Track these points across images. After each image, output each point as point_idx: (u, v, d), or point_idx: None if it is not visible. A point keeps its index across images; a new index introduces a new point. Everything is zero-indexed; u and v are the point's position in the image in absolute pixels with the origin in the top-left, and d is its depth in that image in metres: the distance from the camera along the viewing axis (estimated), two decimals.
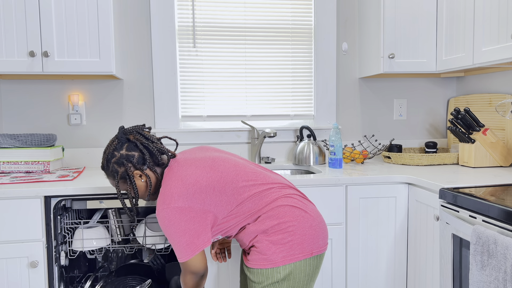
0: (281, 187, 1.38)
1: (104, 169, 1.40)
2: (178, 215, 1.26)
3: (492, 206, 1.28)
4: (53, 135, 2.08)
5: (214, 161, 1.37)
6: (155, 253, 2.04)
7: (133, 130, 1.40)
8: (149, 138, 1.40)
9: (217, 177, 1.32)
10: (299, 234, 1.29)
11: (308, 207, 1.36)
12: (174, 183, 1.30)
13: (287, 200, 1.33)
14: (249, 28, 2.40)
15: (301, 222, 1.31)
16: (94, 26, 1.94)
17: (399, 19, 2.17)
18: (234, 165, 1.38)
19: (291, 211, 1.31)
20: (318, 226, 1.34)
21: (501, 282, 1.18)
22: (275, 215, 1.30)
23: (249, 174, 1.36)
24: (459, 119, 2.05)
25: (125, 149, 1.36)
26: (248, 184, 1.33)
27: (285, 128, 2.42)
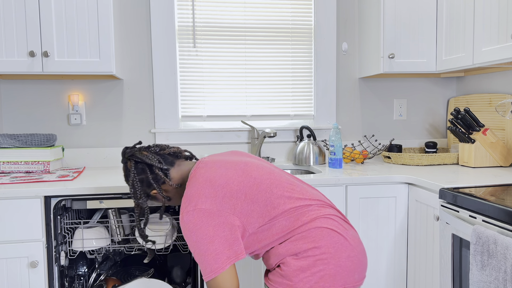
0: (321, 205, 1.20)
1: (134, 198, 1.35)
2: (205, 219, 1.10)
3: (492, 206, 1.28)
4: (53, 135, 2.08)
5: (247, 166, 1.23)
6: (155, 253, 2.04)
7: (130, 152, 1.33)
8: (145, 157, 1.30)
9: (250, 183, 1.17)
10: (333, 264, 1.11)
11: (348, 233, 1.17)
12: (201, 184, 1.17)
13: (327, 222, 1.15)
14: (249, 28, 2.40)
15: (339, 250, 1.12)
16: (94, 26, 1.94)
17: (399, 19, 2.17)
18: (269, 172, 1.23)
19: (329, 236, 1.13)
20: (357, 258, 1.16)
21: (501, 282, 1.18)
22: (310, 237, 1.12)
23: (285, 185, 1.20)
24: (459, 119, 2.05)
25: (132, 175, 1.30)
26: (284, 196, 1.17)
27: (285, 128, 2.42)
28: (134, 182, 1.29)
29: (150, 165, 1.30)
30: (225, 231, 1.10)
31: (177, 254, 2.11)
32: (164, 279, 2.06)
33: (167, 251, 1.94)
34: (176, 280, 2.04)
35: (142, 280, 1.75)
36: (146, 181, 1.29)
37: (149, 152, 1.32)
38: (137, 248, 2.10)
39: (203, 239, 1.09)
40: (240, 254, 1.11)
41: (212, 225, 1.09)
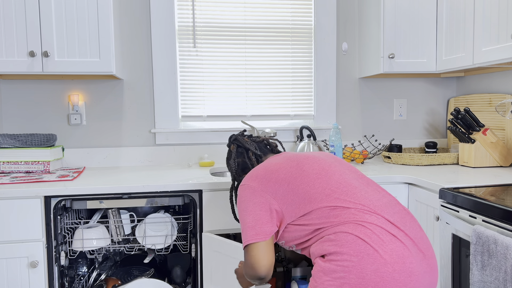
0: (363, 211, 1.11)
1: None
2: (249, 195, 1.22)
3: (492, 206, 1.28)
4: (53, 135, 2.08)
5: (307, 159, 1.28)
6: (155, 253, 2.04)
7: (234, 137, 1.51)
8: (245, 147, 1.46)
9: (296, 175, 1.21)
10: (355, 274, 1.01)
11: (386, 246, 1.03)
12: (260, 167, 1.30)
13: (356, 229, 1.06)
14: (249, 28, 2.40)
15: (363, 261, 1.02)
16: (94, 26, 1.94)
17: (399, 19, 2.17)
18: (323, 169, 1.23)
19: (354, 243, 1.04)
20: (391, 275, 1.00)
21: (501, 282, 1.18)
22: (335, 241, 1.07)
23: (332, 183, 1.18)
24: (459, 119, 2.05)
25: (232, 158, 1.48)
26: (323, 193, 1.15)
27: (285, 128, 2.42)
28: (232, 163, 1.47)
29: (247, 149, 1.46)
30: (262, 210, 1.18)
31: (177, 254, 2.12)
32: (164, 279, 2.06)
33: (167, 251, 1.94)
34: (176, 280, 2.04)
35: (142, 280, 1.75)
36: (242, 163, 1.46)
37: (250, 139, 1.49)
38: (137, 248, 2.10)
39: (244, 211, 1.21)
40: (266, 236, 1.15)
41: (253, 202, 1.20)
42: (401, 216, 1.14)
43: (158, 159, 2.34)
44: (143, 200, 1.75)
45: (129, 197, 1.73)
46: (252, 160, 1.44)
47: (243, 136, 1.51)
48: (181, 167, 2.24)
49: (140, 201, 1.75)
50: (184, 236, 2.05)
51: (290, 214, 1.18)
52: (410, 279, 1.02)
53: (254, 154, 1.45)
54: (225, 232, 1.78)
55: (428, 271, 1.07)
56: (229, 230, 1.78)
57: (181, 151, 2.35)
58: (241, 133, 1.53)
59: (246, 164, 1.46)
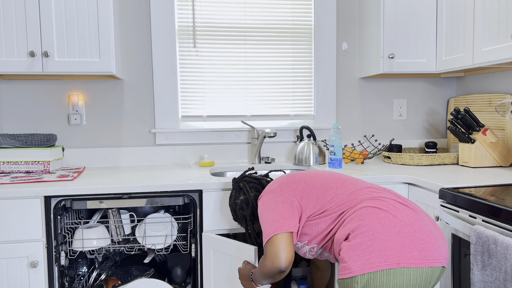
0: (373, 191, 1.27)
1: (235, 219, 1.64)
2: (270, 196, 1.34)
3: (492, 206, 1.28)
4: (53, 135, 2.08)
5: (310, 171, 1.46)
6: (155, 253, 2.05)
7: (242, 176, 1.63)
8: (256, 177, 1.60)
9: (311, 174, 1.40)
10: (381, 239, 1.10)
11: (401, 212, 1.17)
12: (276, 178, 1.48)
13: (373, 202, 1.20)
14: (249, 28, 2.40)
15: (386, 226, 1.12)
16: (94, 26, 1.94)
17: (399, 19, 2.17)
18: (330, 173, 1.42)
19: (374, 213, 1.16)
20: (413, 234, 1.11)
21: (501, 282, 1.18)
22: (356, 217, 1.17)
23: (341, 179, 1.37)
24: (459, 119, 2.05)
25: (242, 195, 1.58)
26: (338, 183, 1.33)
27: (285, 128, 2.42)
28: (250, 198, 1.61)
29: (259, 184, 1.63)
30: (283, 207, 1.29)
31: (177, 254, 2.12)
32: (164, 279, 2.06)
33: (167, 251, 1.94)
34: (176, 280, 2.04)
35: (142, 280, 1.75)
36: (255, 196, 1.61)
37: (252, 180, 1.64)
38: (137, 248, 2.10)
39: (265, 210, 1.31)
40: (291, 227, 1.25)
41: (274, 201, 1.31)
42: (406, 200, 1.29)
43: (158, 159, 2.34)
44: (143, 200, 1.75)
45: (129, 197, 1.73)
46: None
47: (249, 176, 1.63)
48: (181, 167, 2.24)
49: (140, 201, 1.75)
50: (184, 236, 2.05)
51: (310, 207, 1.30)
52: (429, 236, 1.13)
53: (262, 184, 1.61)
54: (225, 232, 1.79)
55: (439, 234, 1.19)
56: (229, 230, 1.79)
57: (181, 151, 2.36)
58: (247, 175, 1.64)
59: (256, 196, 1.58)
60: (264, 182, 1.59)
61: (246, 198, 1.56)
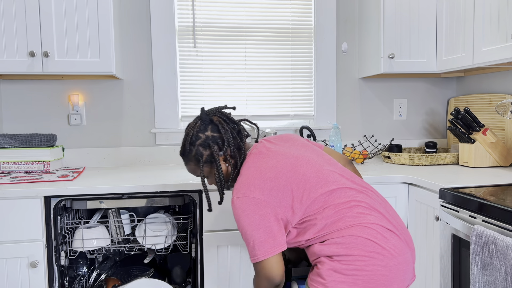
0: (365, 209, 1.18)
1: (185, 153, 1.30)
2: (253, 207, 1.16)
3: (492, 206, 1.28)
4: (53, 135, 2.08)
5: (297, 160, 1.24)
6: (155, 253, 2.05)
7: (216, 111, 1.32)
8: (232, 119, 1.32)
9: (297, 180, 1.19)
10: (368, 271, 1.10)
11: (389, 242, 1.14)
12: (252, 173, 1.21)
13: (363, 231, 1.13)
14: (249, 28, 2.40)
15: (374, 259, 1.11)
16: (94, 26, 1.94)
17: (399, 19, 2.17)
18: (318, 170, 1.23)
19: (364, 245, 1.11)
20: (397, 268, 1.12)
21: (501, 282, 1.18)
22: (344, 244, 1.12)
23: (331, 184, 1.20)
24: (459, 119, 2.05)
25: (210, 131, 1.28)
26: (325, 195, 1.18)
27: (285, 128, 2.42)
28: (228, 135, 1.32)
29: (233, 131, 1.35)
30: (270, 221, 1.15)
31: (177, 254, 2.12)
32: (164, 279, 2.06)
33: (167, 251, 1.94)
34: (176, 280, 2.04)
35: (142, 280, 1.75)
36: (225, 140, 1.32)
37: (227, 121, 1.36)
38: (137, 248, 2.10)
39: (250, 225, 1.15)
40: (283, 246, 1.16)
41: (259, 214, 1.15)
42: (385, 206, 1.24)
43: (158, 159, 2.34)
44: (143, 200, 1.75)
45: (129, 197, 1.73)
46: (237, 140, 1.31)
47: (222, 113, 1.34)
48: (181, 167, 2.24)
49: (140, 201, 1.75)
50: (184, 236, 2.05)
51: (295, 219, 1.19)
52: (408, 266, 1.15)
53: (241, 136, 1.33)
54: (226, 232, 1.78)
55: (412, 253, 1.21)
56: (230, 230, 1.78)
57: None
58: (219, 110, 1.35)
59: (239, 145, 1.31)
60: (243, 131, 1.34)
61: (218, 137, 1.28)
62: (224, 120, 1.31)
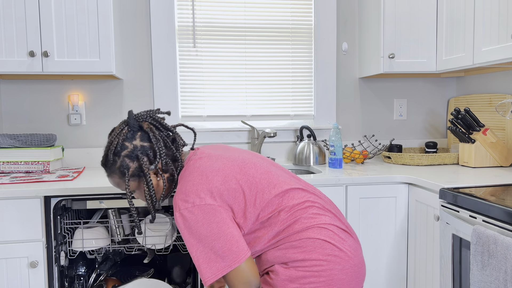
0: (319, 210, 1.13)
1: (107, 164, 1.13)
2: (207, 215, 1.03)
3: (492, 206, 1.28)
4: (53, 135, 2.08)
5: (244, 163, 1.16)
6: (155, 253, 2.04)
7: (147, 115, 1.15)
8: (166, 126, 1.17)
9: (248, 183, 1.11)
10: (325, 277, 1.04)
11: (346, 243, 1.10)
12: (198, 178, 1.08)
13: (321, 233, 1.08)
14: (249, 28, 2.40)
15: (332, 262, 1.06)
16: (94, 26, 1.94)
17: (399, 19, 2.17)
18: (267, 172, 1.16)
19: (322, 248, 1.06)
20: (352, 269, 1.08)
21: (501, 282, 1.18)
22: (302, 248, 1.06)
23: (282, 184, 1.14)
24: (459, 119, 2.05)
25: (138, 139, 1.13)
26: (278, 197, 1.12)
27: (285, 128, 2.42)
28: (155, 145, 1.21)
29: (167, 139, 1.23)
30: (229, 227, 1.04)
31: (177, 254, 2.12)
32: (164, 279, 2.06)
33: (167, 251, 1.94)
34: (176, 280, 2.04)
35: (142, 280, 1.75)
36: (157, 150, 1.19)
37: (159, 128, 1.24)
38: (137, 248, 2.10)
39: (208, 236, 1.02)
40: (248, 251, 1.05)
41: (215, 222, 1.03)
42: (334, 207, 1.20)
43: None
44: None
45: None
46: (173, 150, 1.18)
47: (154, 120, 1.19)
48: None
49: (140, 201, 1.75)
50: None
51: (248, 223, 1.11)
52: (363, 266, 1.13)
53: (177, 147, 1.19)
54: None
55: (361, 252, 1.17)
56: None
57: None
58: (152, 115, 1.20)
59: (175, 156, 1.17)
60: (178, 139, 1.20)
61: (149, 147, 1.13)
62: (156, 127, 1.16)
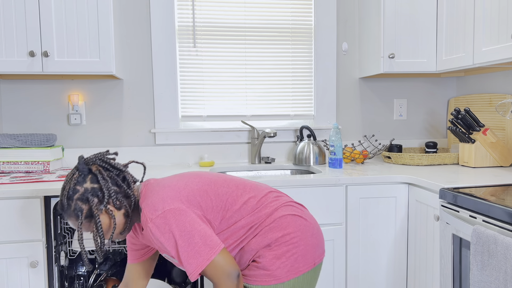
0: (277, 193, 1.29)
1: (63, 209, 1.17)
2: (177, 217, 1.10)
3: (492, 206, 1.28)
4: (53, 135, 2.08)
5: (199, 173, 1.28)
6: None
7: (96, 158, 1.20)
8: (115, 166, 1.21)
9: (207, 182, 1.22)
10: (303, 245, 1.20)
11: (306, 213, 1.28)
12: (161, 191, 1.16)
13: (288, 209, 1.24)
14: (249, 28, 2.40)
15: (304, 231, 1.22)
16: (94, 26, 1.94)
17: (399, 19, 2.17)
18: (220, 176, 1.29)
19: (294, 221, 1.22)
20: (318, 234, 1.27)
21: (501, 282, 1.18)
22: (278, 227, 1.20)
23: (239, 182, 1.27)
24: (459, 119, 2.05)
25: (89, 182, 1.16)
26: (242, 191, 1.24)
27: (285, 128, 2.42)
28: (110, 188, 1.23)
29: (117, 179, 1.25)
30: (201, 224, 1.12)
31: None
32: (164, 279, 2.06)
33: None
34: (176, 280, 2.04)
35: None
36: (107, 191, 1.22)
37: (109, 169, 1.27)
38: None
39: (182, 236, 1.09)
40: (221, 243, 1.13)
41: (186, 221, 1.11)
42: None
43: (158, 159, 2.34)
44: None
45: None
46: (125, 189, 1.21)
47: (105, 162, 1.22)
48: (181, 167, 2.24)
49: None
50: None
51: (217, 219, 1.19)
52: (321, 232, 1.31)
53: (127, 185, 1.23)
54: None
55: None
56: None
57: (181, 151, 2.35)
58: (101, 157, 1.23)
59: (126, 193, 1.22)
60: (128, 176, 1.23)
61: (99, 188, 1.16)
62: (104, 168, 1.20)
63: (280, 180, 1.78)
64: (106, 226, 1.19)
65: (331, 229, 1.84)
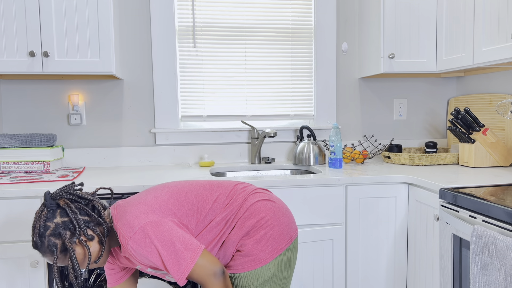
0: (243, 184, 1.38)
1: (37, 246, 1.16)
2: (155, 228, 1.14)
3: (492, 206, 1.28)
4: (53, 135, 2.08)
5: (164, 185, 1.34)
6: None
7: (62, 192, 1.20)
8: (82, 197, 1.22)
9: (176, 190, 1.28)
10: (277, 225, 1.29)
11: (273, 197, 1.37)
12: (132, 209, 1.19)
13: (256, 196, 1.33)
14: (249, 28, 2.40)
15: (275, 213, 1.31)
16: (94, 26, 1.94)
17: (399, 19, 2.17)
18: (186, 182, 1.35)
19: (264, 205, 1.30)
20: (287, 212, 1.36)
21: (501, 282, 1.18)
22: (252, 214, 1.28)
23: (205, 184, 1.35)
24: (459, 119, 2.05)
25: (59, 217, 1.17)
26: (209, 191, 1.31)
27: (285, 128, 2.42)
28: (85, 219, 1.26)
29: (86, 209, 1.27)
30: (178, 231, 1.17)
31: None
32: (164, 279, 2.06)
33: None
34: None
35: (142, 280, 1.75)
36: (78, 223, 1.23)
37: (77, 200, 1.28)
38: None
39: (164, 246, 1.13)
40: (201, 245, 1.18)
41: (165, 231, 1.15)
42: None
43: (158, 159, 2.34)
44: None
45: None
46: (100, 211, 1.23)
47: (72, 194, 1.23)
48: (181, 167, 2.24)
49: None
50: None
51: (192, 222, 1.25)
52: (288, 208, 1.41)
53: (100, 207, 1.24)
54: None
55: None
56: None
57: (181, 151, 2.35)
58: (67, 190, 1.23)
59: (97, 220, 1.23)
60: (97, 204, 1.23)
61: (69, 221, 1.17)
62: (72, 200, 1.21)
63: (280, 180, 1.78)
64: (81, 257, 1.20)
65: (331, 229, 1.84)
